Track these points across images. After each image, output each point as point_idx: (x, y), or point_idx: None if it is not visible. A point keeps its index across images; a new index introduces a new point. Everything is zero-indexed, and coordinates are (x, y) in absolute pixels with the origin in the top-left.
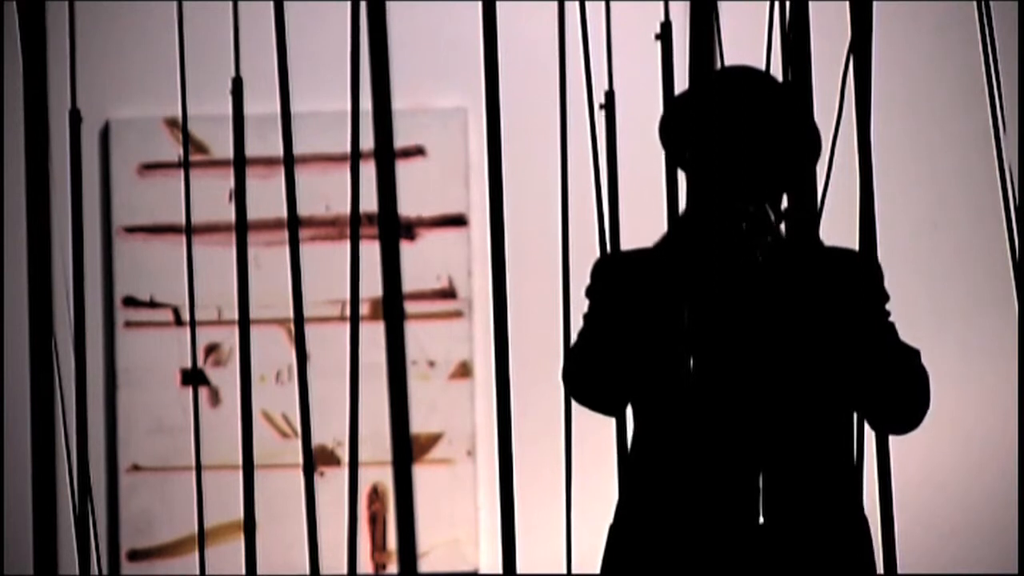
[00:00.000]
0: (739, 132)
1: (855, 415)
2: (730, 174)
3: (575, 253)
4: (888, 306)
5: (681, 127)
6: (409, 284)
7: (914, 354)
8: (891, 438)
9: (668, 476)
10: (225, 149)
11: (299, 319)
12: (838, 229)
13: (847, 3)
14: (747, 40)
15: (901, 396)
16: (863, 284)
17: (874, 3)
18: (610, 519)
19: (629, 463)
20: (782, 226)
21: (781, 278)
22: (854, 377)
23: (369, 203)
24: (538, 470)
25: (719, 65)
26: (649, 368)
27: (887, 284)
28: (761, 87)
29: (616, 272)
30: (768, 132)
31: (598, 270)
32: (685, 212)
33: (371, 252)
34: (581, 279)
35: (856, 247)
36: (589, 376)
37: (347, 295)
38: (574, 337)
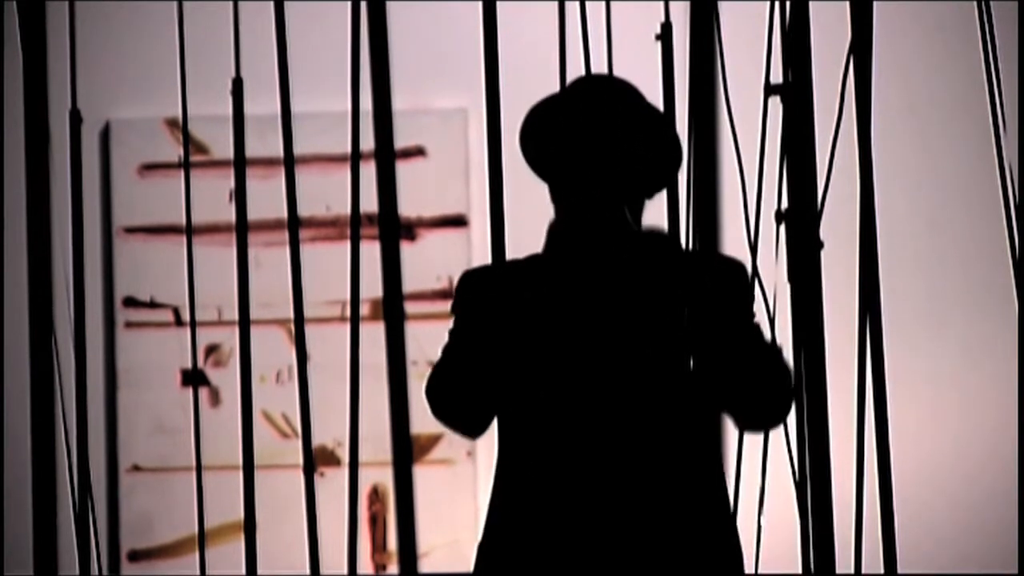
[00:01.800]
0: (592, 135)
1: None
2: (584, 176)
3: None
4: (754, 307)
5: (541, 135)
6: (409, 284)
7: (776, 353)
8: (892, 438)
9: (539, 490)
10: (225, 149)
11: (299, 319)
12: (838, 229)
13: (847, 3)
14: (747, 40)
15: (763, 395)
16: (727, 286)
17: (874, 3)
18: None
19: (496, 481)
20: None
21: (641, 281)
22: (716, 377)
23: (369, 203)
24: None
25: (719, 65)
26: (515, 382)
27: (887, 284)
28: (616, 94)
29: (480, 287)
30: (619, 134)
31: (462, 285)
32: (556, 221)
33: (371, 252)
34: None
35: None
36: (451, 394)
37: (347, 295)
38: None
